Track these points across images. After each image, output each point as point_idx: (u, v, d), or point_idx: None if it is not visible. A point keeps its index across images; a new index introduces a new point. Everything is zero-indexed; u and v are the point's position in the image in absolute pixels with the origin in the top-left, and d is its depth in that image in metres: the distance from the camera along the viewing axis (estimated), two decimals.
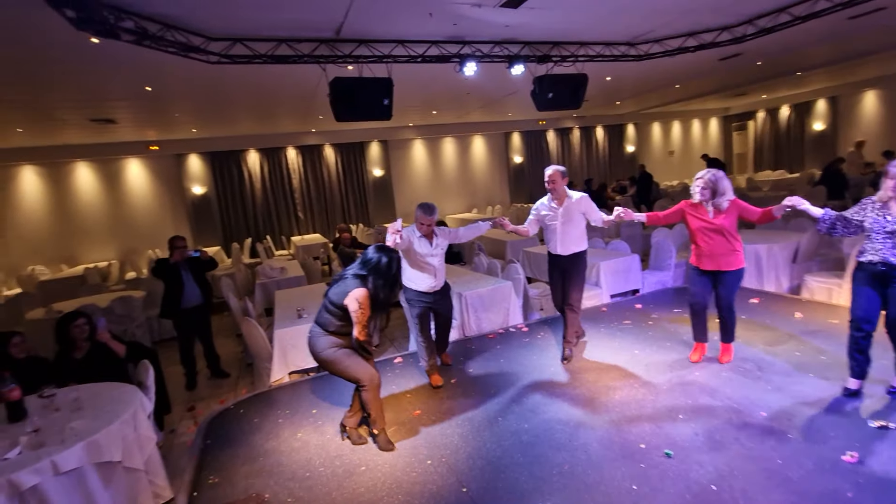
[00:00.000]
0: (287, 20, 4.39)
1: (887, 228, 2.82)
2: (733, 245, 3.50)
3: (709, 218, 3.50)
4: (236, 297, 6.00)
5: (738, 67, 8.94)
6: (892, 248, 2.82)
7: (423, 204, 3.74)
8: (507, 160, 14.78)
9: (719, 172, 3.48)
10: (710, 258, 3.55)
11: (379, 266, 2.92)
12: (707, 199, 3.48)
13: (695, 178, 3.53)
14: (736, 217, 3.50)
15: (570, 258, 4.04)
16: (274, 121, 10.22)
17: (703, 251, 3.59)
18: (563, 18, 5.14)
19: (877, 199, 2.90)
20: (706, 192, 3.46)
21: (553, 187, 3.93)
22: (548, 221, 4.05)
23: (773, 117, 15.76)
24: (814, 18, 5.55)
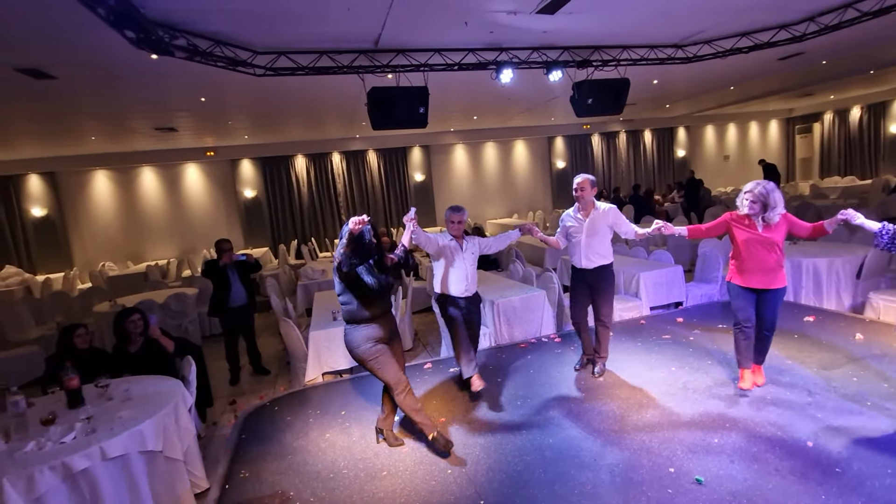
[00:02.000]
0: (328, 33, 4.55)
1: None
2: (781, 262, 3.32)
3: (759, 231, 3.29)
4: (279, 298, 6.26)
5: (801, 67, 8.37)
6: None
7: (452, 206, 3.78)
8: (549, 165, 14.56)
9: (770, 184, 3.25)
10: (757, 274, 3.33)
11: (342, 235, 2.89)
12: (757, 213, 3.26)
13: (743, 191, 3.32)
14: (785, 232, 3.30)
15: (596, 272, 3.88)
16: (320, 127, 10.58)
17: (748, 267, 3.35)
18: (603, 22, 5.02)
19: None
20: (755, 206, 3.24)
21: (581, 195, 3.80)
22: (573, 233, 3.92)
23: (842, 119, 14.64)
24: (886, 14, 5.12)
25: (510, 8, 4.23)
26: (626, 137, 15.11)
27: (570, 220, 3.96)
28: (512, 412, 3.55)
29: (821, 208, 9.25)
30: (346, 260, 2.79)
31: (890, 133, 13.33)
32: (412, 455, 3.10)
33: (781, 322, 4.79)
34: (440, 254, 3.73)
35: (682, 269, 5.85)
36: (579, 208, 3.89)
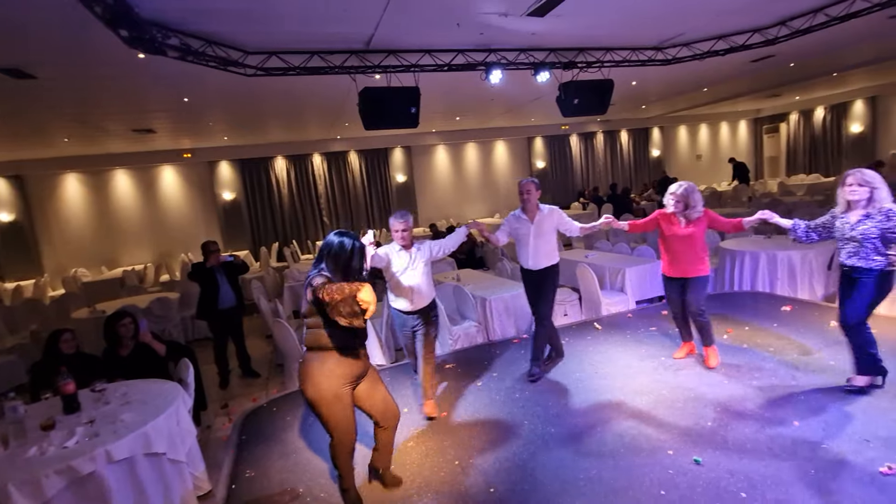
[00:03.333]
0: (321, 33, 4.55)
1: (846, 235, 3.08)
2: (700, 254, 3.74)
3: (681, 227, 3.72)
4: (266, 300, 6.20)
5: (771, 69, 8.75)
6: (848, 253, 3.10)
7: (396, 212, 3.50)
8: (529, 165, 14.77)
9: (691, 186, 3.70)
10: (680, 264, 3.77)
11: (332, 249, 2.41)
12: (679, 211, 3.70)
13: (668, 192, 3.75)
14: (705, 227, 3.75)
15: (542, 273, 3.91)
16: (301, 128, 10.50)
17: (673, 258, 3.81)
18: (589, 25, 5.17)
19: (839, 209, 3.18)
20: (679, 205, 3.69)
21: (527, 198, 3.85)
22: (520, 235, 3.94)
23: (807, 119, 15.31)
24: (852, 19, 5.42)
25: (502, 10, 4.33)
26: (603, 137, 15.45)
27: (516, 221, 3.97)
28: (512, 405, 3.63)
29: (789, 204, 9.65)
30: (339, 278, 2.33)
31: (851, 132, 14.01)
32: (418, 448, 3.14)
33: (761, 311, 5.05)
34: (388, 268, 3.45)
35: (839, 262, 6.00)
36: (525, 210, 3.92)
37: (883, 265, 2.99)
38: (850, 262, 3.09)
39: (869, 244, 2.97)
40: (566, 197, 14.63)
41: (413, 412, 3.64)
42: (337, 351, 2.39)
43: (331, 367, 2.39)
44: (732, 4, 5.08)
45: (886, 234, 2.90)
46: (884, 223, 2.89)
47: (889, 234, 2.89)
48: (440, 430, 3.36)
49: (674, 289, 3.88)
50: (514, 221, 3.98)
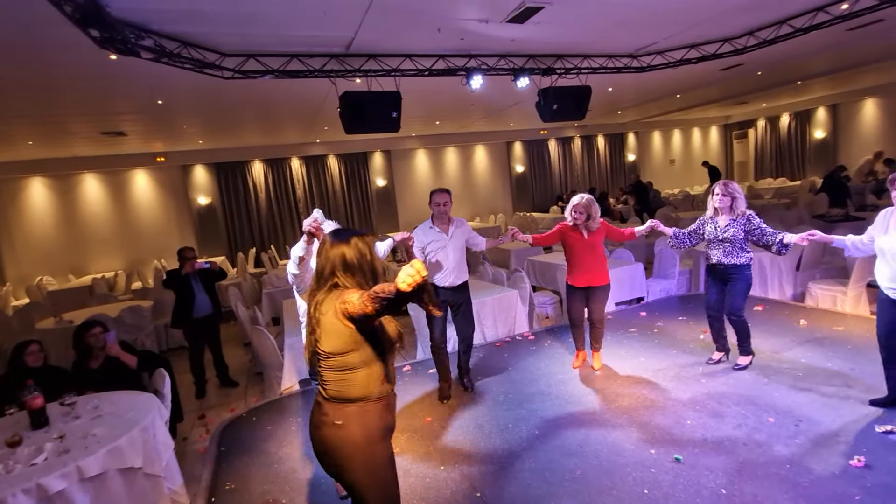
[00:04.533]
0: (300, 36, 4.51)
1: (718, 237, 3.60)
2: (603, 263, 3.91)
3: (584, 237, 3.85)
4: (244, 307, 6.07)
5: (739, 77, 9.06)
6: (723, 253, 3.61)
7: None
8: (508, 169, 14.90)
9: (591, 198, 3.87)
10: (585, 274, 3.87)
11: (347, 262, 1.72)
12: (582, 223, 3.82)
13: (570, 205, 3.86)
14: (603, 237, 3.92)
15: (461, 288, 3.77)
16: (279, 132, 10.35)
17: (578, 268, 3.90)
18: (567, 32, 5.26)
19: (708, 216, 3.68)
20: (581, 217, 3.81)
21: (446, 209, 3.63)
22: (436, 250, 3.67)
23: (773, 125, 15.88)
24: (814, 30, 5.66)
25: (482, 16, 4.36)
26: (580, 142, 15.70)
27: (427, 234, 3.72)
28: (495, 409, 3.63)
29: (758, 207, 9.98)
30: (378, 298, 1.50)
31: (815, 138, 14.59)
32: (402, 455, 3.12)
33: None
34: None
35: (643, 266, 6.17)
36: (439, 223, 3.73)
37: (748, 260, 3.58)
38: (726, 261, 3.62)
39: (738, 244, 3.55)
40: (546, 201, 14.80)
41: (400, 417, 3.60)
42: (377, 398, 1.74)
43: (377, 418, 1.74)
44: (704, 15, 5.24)
45: (752, 233, 3.47)
46: (746, 226, 3.49)
47: (755, 233, 3.47)
48: (424, 435, 3.34)
49: (579, 298, 3.98)
50: (427, 235, 3.72)
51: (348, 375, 1.69)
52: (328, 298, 1.69)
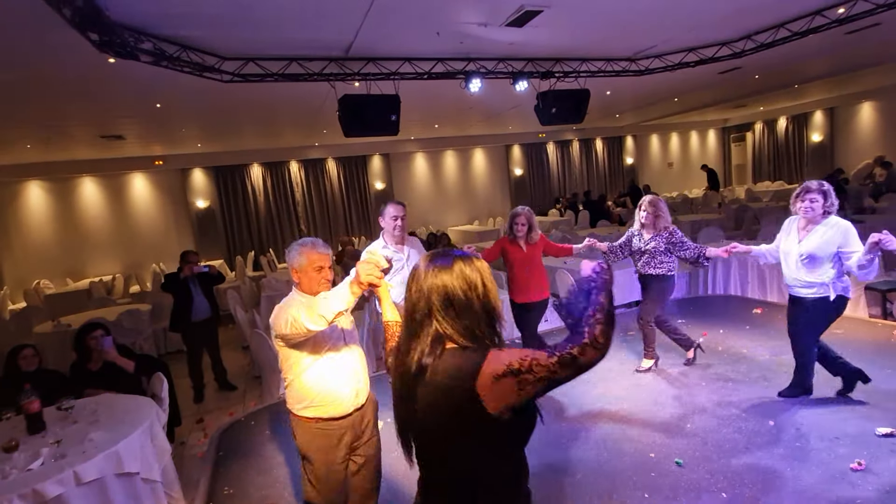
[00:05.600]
0: (300, 40, 4.51)
1: (641, 249, 3.86)
2: (542, 278, 3.79)
3: (523, 251, 3.74)
4: (243, 310, 6.05)
5: (737, 80, 9.08)
6: (643, 264, 3.86)
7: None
8: (507, 172, 14.92)
9: (531, 210, 3.83)
10: (527, 289, 3.73)
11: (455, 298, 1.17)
12: (524, 235, 3.72)
13: (514, 217, 3.74)
14: (542, 251, 3.82)
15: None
16: (278, 135, 10.36)
17: (520, 283, 3.76)
18: (566, 36, 5.27)
19: (636, 229, 3.91)
20: (523, 229, 3.70)
21: (403, 224, 3.23)
22: (393, 272, 3.07)
23: (770, 129, 15.93)
24: (812, 34, 5.69)
25: (481, 20, 4.37)
26: (578, 145, 15.73)
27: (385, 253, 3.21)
28: None
29: (756, 210, 10.01)
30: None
31: (812, 141, 14.63)
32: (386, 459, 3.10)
33: (734, 314, 5.20)
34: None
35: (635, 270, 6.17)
36: (394, 240, 3.32)
37: (667, 271, 3.81)
38: (643, 271, 3.88)
39: (657, 256, 3.80)
40: (544, 203, 14.82)
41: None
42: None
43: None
44: (702, 19, 5.26)
45: (675, 246, 3.74)
46: (669, 239, 3.75)
47: (677, 247, 3.73)
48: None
49: (521, 313, 3.84)
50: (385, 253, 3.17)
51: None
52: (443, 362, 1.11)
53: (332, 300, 1.74)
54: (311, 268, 2.06)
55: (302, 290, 2.07)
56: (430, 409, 1.12)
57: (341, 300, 1.72)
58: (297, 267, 2.07)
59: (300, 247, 2.10)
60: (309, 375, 2.02)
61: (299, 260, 2.07)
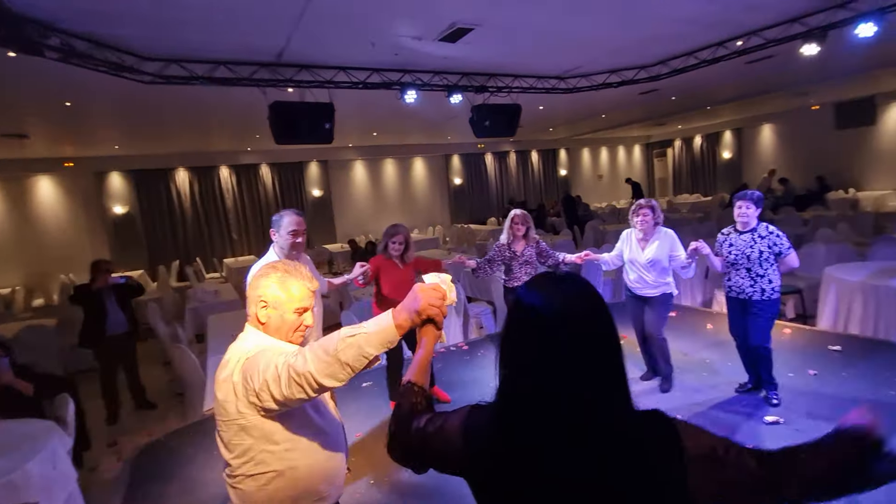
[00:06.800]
0: (228, 43, 4.37)
1: (519, 260, 3.97)
2: None
3: (400, 269, 3.58)
4: (164, 323, 5.70)
5: (656, 101, 9.84)
6: (525, 273, 3.96)
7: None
8: (447, 182, 15.14)
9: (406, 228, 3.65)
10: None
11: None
12: (401, 253, 3.55)
13: (390, 237, 3.53)
14: (415, 269, 3.67)
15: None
16: (207, 139, 9.89)
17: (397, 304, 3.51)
18: (498, 53, 5.49)
19: (504, 242, 3.97)
20: (400, 247, 3.54)
21: (304, 241, 2.71)
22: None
23: (688, 146, 17.33)
24: (717, 62, 6.30)
25: (415, 34, 4.46)
26: (515, 157, 16.28)
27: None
28: None
29: (674, 221, 10.84)
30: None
31: (723, 158, 16.08)
32: None
33: None
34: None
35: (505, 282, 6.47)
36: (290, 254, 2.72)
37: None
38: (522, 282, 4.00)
39: (534, 265, 3.99)
40: (483, 212, 15.17)
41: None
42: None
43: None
44: (620, 44, 5.68)
45: (541, 254, 3.97)
46: (536, 248, 3.97)
47: (543, 255, 3.96)
48: (354, 451, 3.30)
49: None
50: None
51: None
52: None
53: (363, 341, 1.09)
54: (291, 307, 1.41)
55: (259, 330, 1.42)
56: None
57: (379, 341, 1.10)
58: (269, 300, 1.41)
59: (281, 274, 1.43)
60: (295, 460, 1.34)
61: (275, 292, 1.41)
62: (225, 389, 1.29)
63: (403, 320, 1.08)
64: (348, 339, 1.08)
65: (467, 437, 0.92)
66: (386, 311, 1.11)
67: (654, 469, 0.83)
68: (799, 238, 7.57)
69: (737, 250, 3.36)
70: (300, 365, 1.10)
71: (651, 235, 3.60)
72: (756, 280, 3.30)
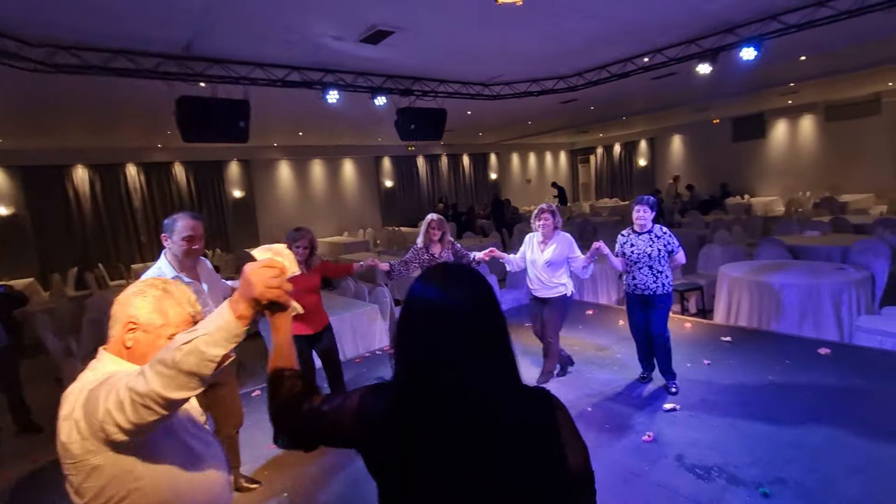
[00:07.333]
0: (126, 31, 4.02)
1: (424, 265, 3.90)
2: (321, 304, 3.45)
3: (305, 275, 3.25)
4: (55, 336, 5.13)
5: (577, 110, 10.38)
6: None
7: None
8: (378, 184, 14.99)
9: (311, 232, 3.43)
10: (310, 318, 3.28)
11: None
12: (305, 258, 3.31)
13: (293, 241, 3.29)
14: (321, 275, 3.50)
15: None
16: (110, 134, 9.04)
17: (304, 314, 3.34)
18: (421, 58, 5.52)
19: (420, 245, 3.89)
20: (304, 251, 3.30)
21: (201, 247, 2.48)
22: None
23: (608, 153, 18.44)
24: (626, 77, 6.75)
25: (335, 34, 4.37)
26: (447, 160, 16.46)
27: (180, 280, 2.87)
28: None
29: (596, 224, 11.48)
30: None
31: (639, 165, 17.28)
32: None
33: (571, 317, 5.83)
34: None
35: (496, 279, 6.65)
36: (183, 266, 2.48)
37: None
38: None
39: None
40: (414, 215, 15.17)
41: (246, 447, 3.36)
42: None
43: None
44: (537, 56, 5.92)
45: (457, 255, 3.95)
46: (452, 249, 3.94)
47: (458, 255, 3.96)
48: (269, 463, 3.16)
49: (307, 345, 3.37)
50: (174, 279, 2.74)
51: None
52: None
53: (203, 344, 0.96)
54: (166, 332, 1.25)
55: (122, 356, 1.24)
56: None
57: (223, 339, 0.98)
58: (141, 322, 1.24)
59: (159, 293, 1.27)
60: (163, 491, 1.19)
61: (149, 314, 1.25)
62: (67, 429, 1.10)
63: (244, 310, 0.97)
64: (185, 346, 0.96)
65: (365, 413, 0.98)
66: (223, 303, 1.00)
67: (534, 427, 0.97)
68: (701, 239, 8.31)
69: (638, 250, 3.67)
70: (141, 385, 0.98)
71: (550, 239, 3.85)
72: (657, 276, 3.66)
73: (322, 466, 3.08)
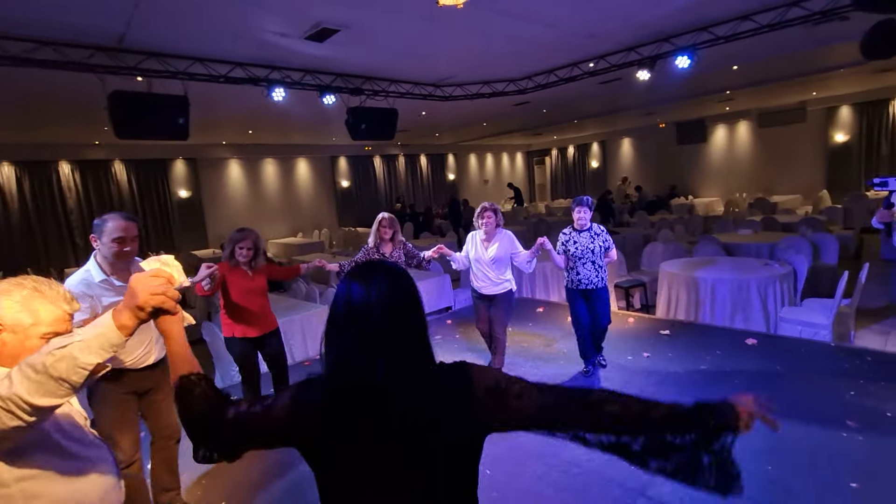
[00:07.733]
0: (52, 20, 3.78)
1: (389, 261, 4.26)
2: (268, 305, 3.36)
3: (249, 277, 3.22)
4: None
5: (530, 112, 10.60)
6: None
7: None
8: (333, 184, 14.75)
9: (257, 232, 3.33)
10: (256, 321, 3.22)
11: None
12: (249, 259, 3.20)
13: (235, 243, 3.17)
14: (266, 277, 3.40)
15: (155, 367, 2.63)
16: (39, 130, 8.45)
17: (246, 316, 3.19)
18: (371, 57, 5.48)
19: (371, 245, 4.01)
20: (250, 253, 3.19)
21: (134, 248, 2.31)
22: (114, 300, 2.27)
23: (563, 155, 18.93)
24: (573, 81, 6.96)
25: (280, 30, 4.27)
26: (404, 160, 16.41)
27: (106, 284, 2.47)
28: None
29: (551, 223, 11.77)
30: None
31: (591, 167, 17.84)
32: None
33: (522, 315, 5.98)
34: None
35: (450, 278, 6.70)
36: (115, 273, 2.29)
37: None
38: None
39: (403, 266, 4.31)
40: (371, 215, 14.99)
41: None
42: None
43: None
44: (486, 58, 6.01)
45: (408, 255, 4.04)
46: (403, 249, 4.06)
47: (409, 254, 4.04)
48: (215, 475, 3.06)
49: (253, 348, 3.30)
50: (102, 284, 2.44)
51: None
52: None
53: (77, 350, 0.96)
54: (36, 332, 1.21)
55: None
56: None
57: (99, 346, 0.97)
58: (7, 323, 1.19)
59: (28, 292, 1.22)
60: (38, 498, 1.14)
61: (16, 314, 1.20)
62: None
63: (127, 319, 0.97)
64: (57, 350, 0.95)
65: (300, 408, 1.01)
66: (107, 311, 1.00)
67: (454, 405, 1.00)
68: (646, 238, 8.69)
69: (582, 246, 3.84)
70: (4, 389, 0.94)
71: (493, 236, 3.93)
72: (598, 270, 3.91)
73: (261, 471, 3.02)
